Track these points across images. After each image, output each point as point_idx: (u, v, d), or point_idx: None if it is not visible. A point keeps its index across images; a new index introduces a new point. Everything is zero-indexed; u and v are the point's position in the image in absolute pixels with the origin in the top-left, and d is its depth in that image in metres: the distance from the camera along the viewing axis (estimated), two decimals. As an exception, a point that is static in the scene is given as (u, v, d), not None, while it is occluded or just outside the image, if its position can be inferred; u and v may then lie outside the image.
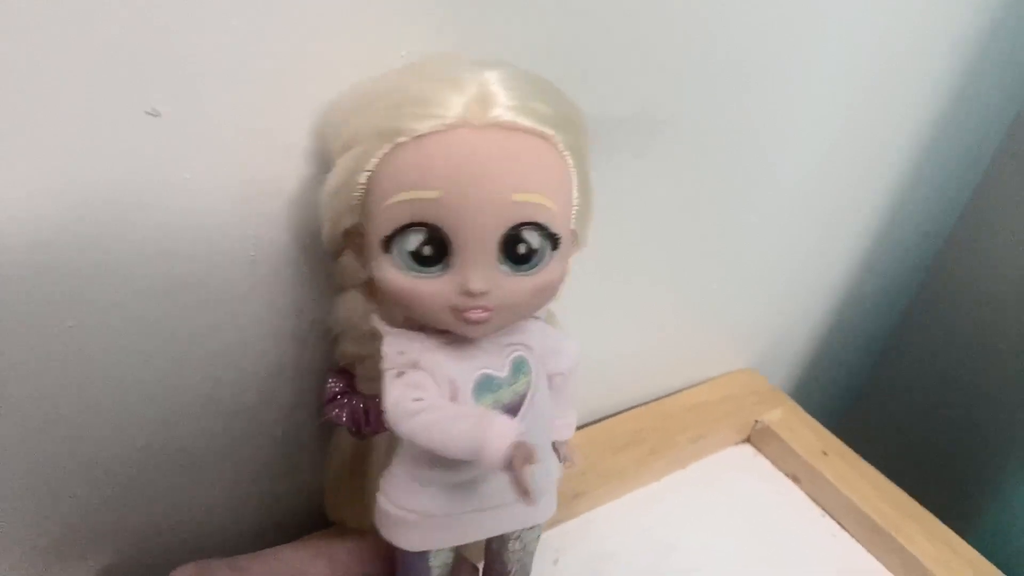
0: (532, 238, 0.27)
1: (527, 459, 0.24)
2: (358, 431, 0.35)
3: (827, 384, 0.80)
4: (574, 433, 0.37)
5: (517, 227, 0.26)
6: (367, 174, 0.27)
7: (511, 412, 0.30)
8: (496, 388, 0.29)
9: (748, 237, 0.55)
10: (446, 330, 0.29)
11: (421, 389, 0.27)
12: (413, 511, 0.30)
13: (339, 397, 0.35)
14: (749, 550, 0.49)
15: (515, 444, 0.24)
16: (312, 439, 0.40)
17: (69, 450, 0.33)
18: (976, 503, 0.71)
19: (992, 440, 0.71)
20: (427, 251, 0.26)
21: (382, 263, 0.27)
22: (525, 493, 0.25)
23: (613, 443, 0.53)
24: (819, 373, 0.78)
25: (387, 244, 0.26)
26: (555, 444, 0.35)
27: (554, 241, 0.28)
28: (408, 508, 0.30)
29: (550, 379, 0.33)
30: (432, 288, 0.27)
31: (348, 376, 0.35)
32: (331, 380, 0.35)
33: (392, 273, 0.27)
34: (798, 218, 0.57)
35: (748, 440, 0.59)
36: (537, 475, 0.25)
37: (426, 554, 0.32)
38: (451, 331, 0.28)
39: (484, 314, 0.27)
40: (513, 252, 0.27)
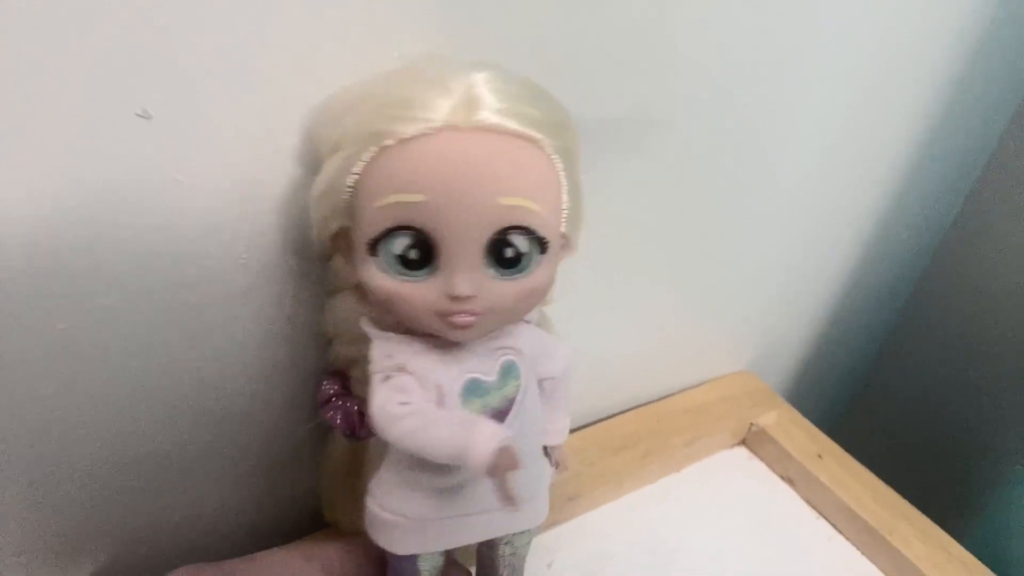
0: (519, 242, 0.27)
1: (510, 465, 0.24)
2: (352, 434, 0.34)
3: (823, 387, 0.80)
4: (567, 437, 0.36)
5: (504, 231, 0.26)
6: (354, 177, 0.27)
7: (500, 417, 0.29)
8: (484, 392, 0.29)
9: (745, 239, 0.55)
10: (434, 334, 0.29)
11: (407, 393, 0.27)
12: (401, 515, 0.30)
13: (334, 399, 0.34)
14: (744, 552, 0.49)
15: (499, 450, 0.24)
16: (305, 442, 0.40)
17: (61, 453, 0.33)
18: (971, 506, 0.71)
19: (987, 443, 0.71)
20: (413, 255, 0.26)
21: (368, 266, 0.27)
22: (508, 499, 0.24)
23: (608, 445, 0.52)
24: (815, 376, 0.77)
25: (373, 247, 0.26)
26: (547, 449, 0.35)
27: (542, 245, 0.27)
28: (396, 512, 0.30)
29: (541, 383, 0.33)
30: (418, 292, 0.27)
31: (343, 378, 0.35)
32: (326, 382, 0.35)
33: (378, 276, 0.27)
34: (795, 220, 0.57)
35: (743, 443, 0.59)
36: (522, 481, 0.25)
37: (414, 558, 0.32)
38: (439, 335, 0.28)
39: (470, 318, 0.27)
40: (500, 256, 0.27)
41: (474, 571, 0.37)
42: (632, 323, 0.53)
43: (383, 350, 0.29)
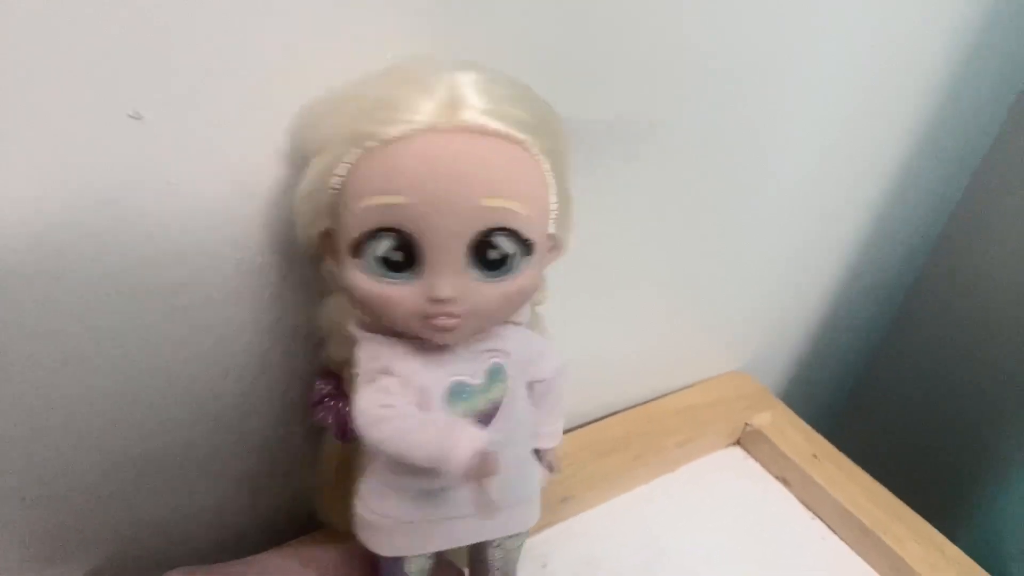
0: (503, 243, 0.27)
1: (490, 471, 0.24)
2: (343, 434, 0.35)
3: (817, 387, 0.80)
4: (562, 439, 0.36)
5: (488, 233, 0.26)
6: (338, 178, 0.26)
7: (486, 420, 0.29)
8: (469, 396, 0.29)
9: (741, 239, 0.55)
10: (419, 337, 0.28)
11: (391, 396, 0.27)
12: (387, 516, 0.30)
13: (326, 400, 0.34)
14: (738, 553, 0.49)
15: (478, 454, 0.24)
16: (299, 443, 0.40)
17: (56, 456, 0.33)
18: (965, 506, 0.71)
19: (981, 443, 0.71)
20: (396, 256, 0.26)
21: (352, 268, 0.27)
22: (485, 505, 0.24)
23: (601, 447, 0.52)
24: (810, 375, 0.77)
25: (356, 249, 0.26)
26: (539, 452, 0.35)
27: (527, 247, 0.27)
28: (382, 513, 0.30)
29: (532, 386, 0.33)
30: (401, 294, 0.27)
31: (336, 379, 0.35)
32: (319, 383, 0.35)
33: (361, 278, 0.27)
34: (790, 221, 0.57)
35: (738, 443, 0.58)
36: (503, 486, 0.25)
37: (401, 560, 0.31)
38: (424, 338, 0.28)
39: (452, 321, 0.27)
40: (484, 258, 0.27)
41: (467, 573, 0.37)
42: (624, 325, 0.53)
43: (369, 352, 0.29)
